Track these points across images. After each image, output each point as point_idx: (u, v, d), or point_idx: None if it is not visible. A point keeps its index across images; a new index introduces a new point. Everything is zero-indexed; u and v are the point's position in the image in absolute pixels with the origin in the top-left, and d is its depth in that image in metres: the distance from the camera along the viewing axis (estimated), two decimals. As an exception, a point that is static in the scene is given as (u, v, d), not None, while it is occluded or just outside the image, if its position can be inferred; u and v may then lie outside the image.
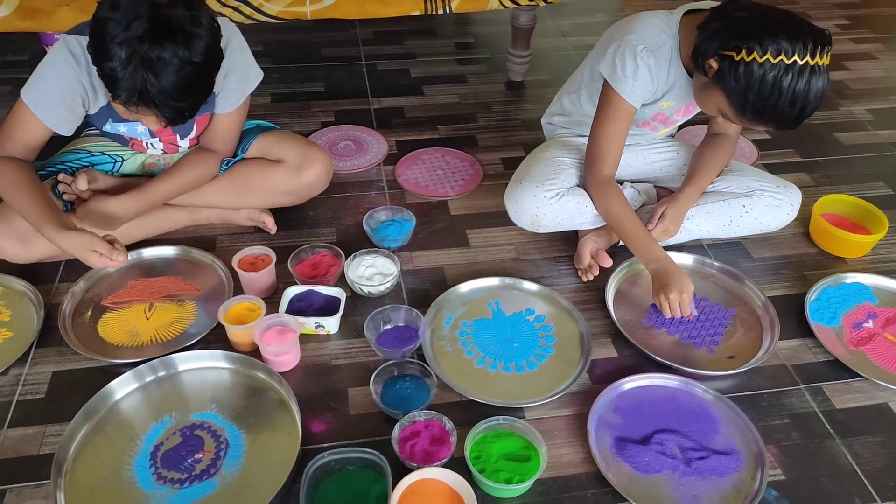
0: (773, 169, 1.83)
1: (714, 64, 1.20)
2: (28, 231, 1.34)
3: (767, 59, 1.13)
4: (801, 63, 1.12)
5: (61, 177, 1.39)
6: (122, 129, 1.39)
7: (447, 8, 1.87)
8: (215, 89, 1.30)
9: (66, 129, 1.29)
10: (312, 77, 2.20)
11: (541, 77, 2.24)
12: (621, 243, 1.52)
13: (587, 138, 1.45)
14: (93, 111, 1.30)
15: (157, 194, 1.42)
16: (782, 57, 1.12)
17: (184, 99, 1.14)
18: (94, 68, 1.17)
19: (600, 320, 1.40)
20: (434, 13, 1.87)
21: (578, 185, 1.49)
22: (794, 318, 1.41)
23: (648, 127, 1.52)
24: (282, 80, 2.17)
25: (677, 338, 1.36)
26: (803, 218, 1.65)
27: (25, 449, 1.13)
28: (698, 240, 1.57)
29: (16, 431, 1.15)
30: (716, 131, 1.53)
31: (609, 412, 1.21)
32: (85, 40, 1.18)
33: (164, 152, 1.47)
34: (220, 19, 1.21)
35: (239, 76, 1.37)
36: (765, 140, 1.97)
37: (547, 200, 1.44)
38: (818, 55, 1.13)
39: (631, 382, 1.26)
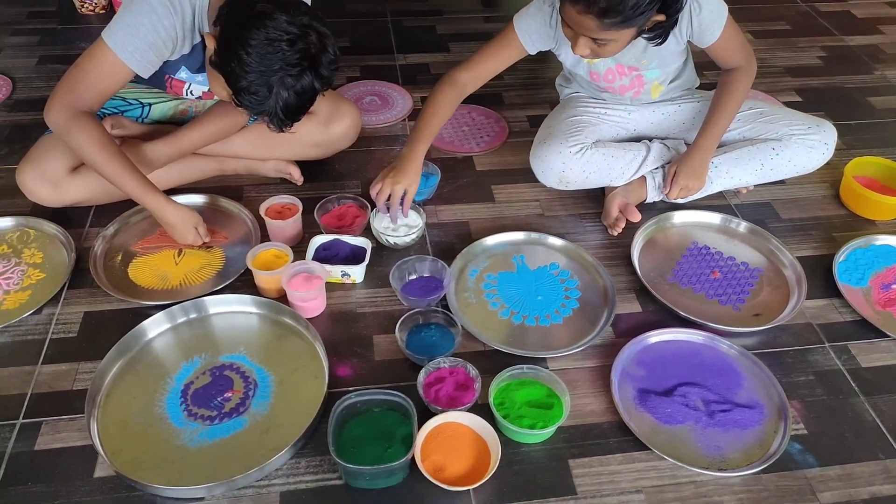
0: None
1: None
2: (59, 174, 1.36)
3: None
4: None
5: None
6: (182, 75, 1.39)
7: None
8: None
9: (148, 74, 1.26)
10: (338, 32, 2.15)
11: (568, 36, 2.21)
12: (649, 200, 1.51)
13: (596, 99, 1.48)
14: (174, 57, 1.29)
15: (188, 141, 1.43)
16: None
17: (299, 116, 1.20)
18: (188, 15, 1.20)
19: (625, 276, 1.39)
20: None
21: (600, 141, 1.49)
22: (821, 279, 1.40)
23: (616, 89, 1.50)
24: (307, 35, 2.15)
25: (703, 294, 1.36)
26: (834, 180, 1.63)
27: (59, 384, 1.16)
28: (735, 190, 1.55)
29: (50, 367, 1.18)
30: (723, 66, 1.47)
31: (632, 365, 1.22)
32: None
33: (200, 98, 1.47)
34: None
35: None
36: (796, 102, 1.93)
37: (572, 156, 1.43)
38: None
39: (655, 336, 1.26)
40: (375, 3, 2.36)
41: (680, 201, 1.50)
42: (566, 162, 1.43)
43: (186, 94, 1.43)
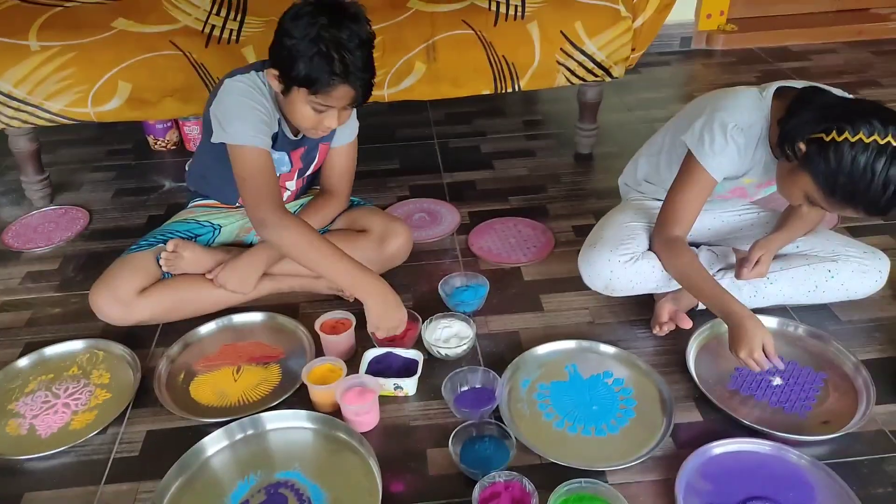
0: (856, 231, 1.78)
1: (803, 146, 1.18)
2: (129, 295, 1.45)
3: (860, 139, 1.10)
4: (895, 145, 1.09)
5: (163, 254, 1.50)
6: (281, 158, 1.52)
7: (516, 86, 1.96)
8: None
9: (269, 145, 1.41)
10: (388, 156, 2.32)
11: (609, 149, 2.28)
12: (700, 306, 1.50)
13: (660, 202, 1.47)
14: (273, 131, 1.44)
15: (286, 282, 1.63)
16: (875, 137, 1.09)
17: (367, 71, 1.31)
18: (265, 91, 1.39)
19: (682, 383, 1.36)
20: (503, 91, 1.96)
21: (651, 250, 1.49)
22: (889, 382, 1.34)
23: (726, 199, 1.52)
24: (360, 159, 2.25)
25: (766, 402, 1.31)
26: (892, 280, 1.59)
27: (120, 504, 1.18)
28: (782, 305, 1.53)
29: (111, 487, 1.21)
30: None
31: (697, 478, 1.17)
32: (247, 75, 1.38)
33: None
34: None
35: (352, 111, 1.49)
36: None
37: (621, 265, 1.44)
38: None
39: (719, 447, 1.21)
40: (422, 128, 2.51)
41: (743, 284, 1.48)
42: (614, 270, 1.45)
43: None
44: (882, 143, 1.09)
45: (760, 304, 1.49)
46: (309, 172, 1.64)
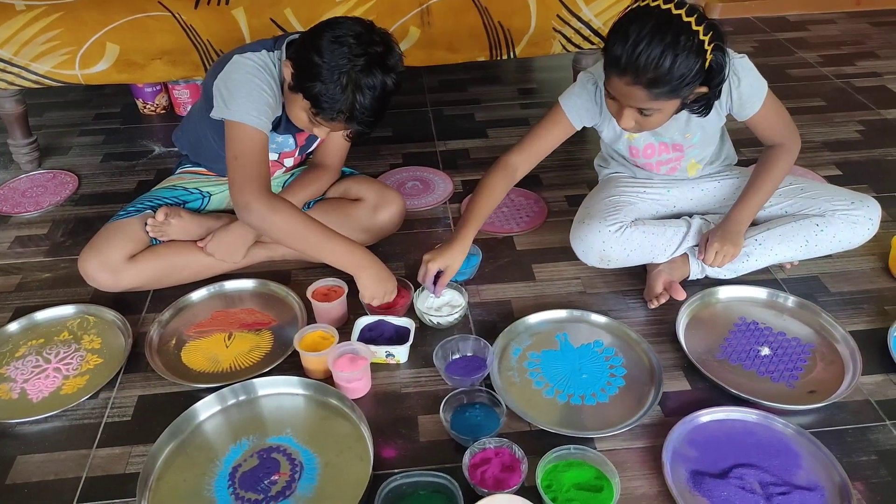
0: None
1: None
2: (118, 262, 1.44)
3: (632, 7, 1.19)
4: (652, 4, 1.16)
5: (149, 221, 1.49)
6: (278, 139, 1.50)
7: (512, 53, 1.94)
8: None
9: (269, 129, 1.38)
10: (381, 123, 2.29)
11: (603, 119, 2.27)
12: (692, 277, 1.51)
13: (635, 178, 1.51)
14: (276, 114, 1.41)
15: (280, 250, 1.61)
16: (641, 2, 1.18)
17: (377, 117, 1.30)
18: (274, 73, 1.34)
19: (671, 353, 1.37)
20: (499, 58, 1.94)
21: (639, 219, 1.51)
22: (876, 353, 1.35)
23: (653, 165, 1.53)
24: (352, 126, 2.26)
25: (754, 372, 1.33)
26: (882, 252, 1.60)
27: (113, 468, 1.18)
28: (779, 265, 1.55)
29: (104, 451, 1.21)
30: (764, 141, 1.49)
31: (684, 445, 1.18)
32: (257, 54, 1.34)
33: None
34: None
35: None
36: (836, 176, 1.93)
37: (611, 234, 1.45)
38: (672, 3, 1.15)
39: (707, 415, 1.23)
40: (416, 95, 2.48)
41: (721, 274, 1.50)
42: (606, 241, 1.45)
43: None
44: (642, 4, 1.18)
45: (755, 266, 1.49)
46: (310, 150, 1.63)
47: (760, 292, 1.49)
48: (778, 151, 1.46)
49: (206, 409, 1.25)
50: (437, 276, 1.42)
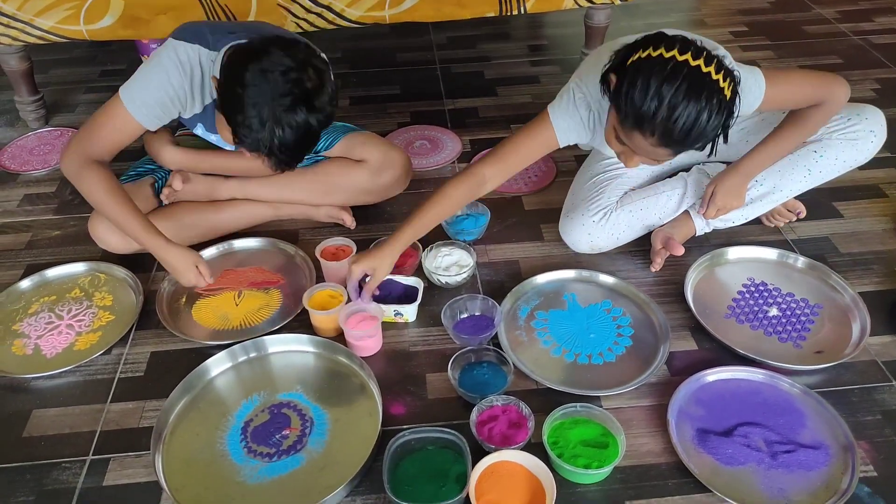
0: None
1: (613, 78, 1.12)
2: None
3: (648, 54, 1.05)
4: (678, 60, 1.03)
5: (166, 191, 1.50)
6: (212, 137, 1.48)
7: (522, 8, 1.89)
8: None
9: (154, 127, 1.35)
10: (389, 81, 2.26)
11: (614, 77, 2.23)
12: (698, 233, 1.50)
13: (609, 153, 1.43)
14: (187, 116, 1.37)
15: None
16: (661, 51, 1.04)
17: (298, 154, 1.21)
18: (196, 76, 1.27)
19: (679, 313, 1.38)
20: (509, 14, 1.90)
21: (628, 193, 1.49)
22: (884, 314, 1.35)
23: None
24: (360, 83, 2.24)
25: (761, 332, 1.33)
26: (894, 213, 1.59)
27: (126, 422, 1.20)
28: (789, 218, 1.53)
29: (118, 406, 1.23)
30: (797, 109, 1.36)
31: (690, 404, 1.20)
32: (192, 48, 1.26)
33: None
34: None
35: None
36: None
37: (596, 224, 1.44)
38: (701, 58, 1.03)
39: (713, 375, 1.24)
40: (425, 52, 2.44)
41: (729, 223, 1.49)
42: (591, 232, 1.45)
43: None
44: (667, 56, 1.04)
45: (761, 209, 1.47)
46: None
47: (770, 253, 1.48)
48: (809, 109, 1.32)
49: (218, 365, 1.27)
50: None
